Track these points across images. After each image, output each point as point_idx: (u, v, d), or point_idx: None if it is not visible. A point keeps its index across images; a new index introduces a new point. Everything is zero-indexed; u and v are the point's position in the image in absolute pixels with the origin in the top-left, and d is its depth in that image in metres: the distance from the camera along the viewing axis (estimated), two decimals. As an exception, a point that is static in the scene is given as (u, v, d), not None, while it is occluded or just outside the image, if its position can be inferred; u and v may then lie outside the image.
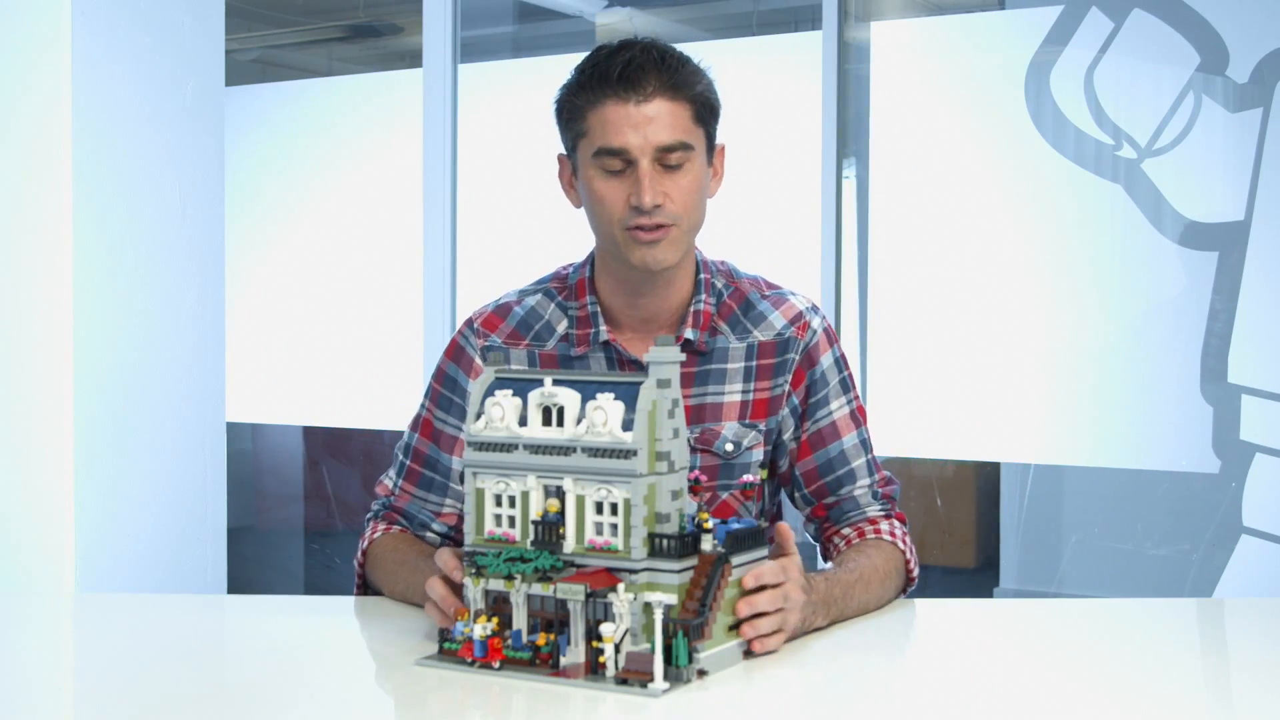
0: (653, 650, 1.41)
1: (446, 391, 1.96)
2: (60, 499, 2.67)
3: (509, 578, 1.48)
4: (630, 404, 1.47)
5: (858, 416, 1.97)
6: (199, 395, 2.95)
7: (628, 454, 1.45)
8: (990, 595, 4.11)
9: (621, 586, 1.44)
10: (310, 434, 5.36)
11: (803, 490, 1.96)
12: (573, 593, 1.44)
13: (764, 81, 3.86)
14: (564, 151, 1.89)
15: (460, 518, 1.95)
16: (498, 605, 1.50)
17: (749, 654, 1.54)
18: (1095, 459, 3.64)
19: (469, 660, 1.48)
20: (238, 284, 3.84)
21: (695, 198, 1.82)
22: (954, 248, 3.70)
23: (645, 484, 1.45)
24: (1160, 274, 3.51)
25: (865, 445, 1.97)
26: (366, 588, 1.96)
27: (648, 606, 1.44)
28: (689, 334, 1.89)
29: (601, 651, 1.43)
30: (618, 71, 1.76)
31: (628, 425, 1.46)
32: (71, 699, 1.54)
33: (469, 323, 1.97)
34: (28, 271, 2.71)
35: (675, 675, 1.42)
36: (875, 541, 1.90)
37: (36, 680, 1.60)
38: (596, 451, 1.47)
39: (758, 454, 1.92)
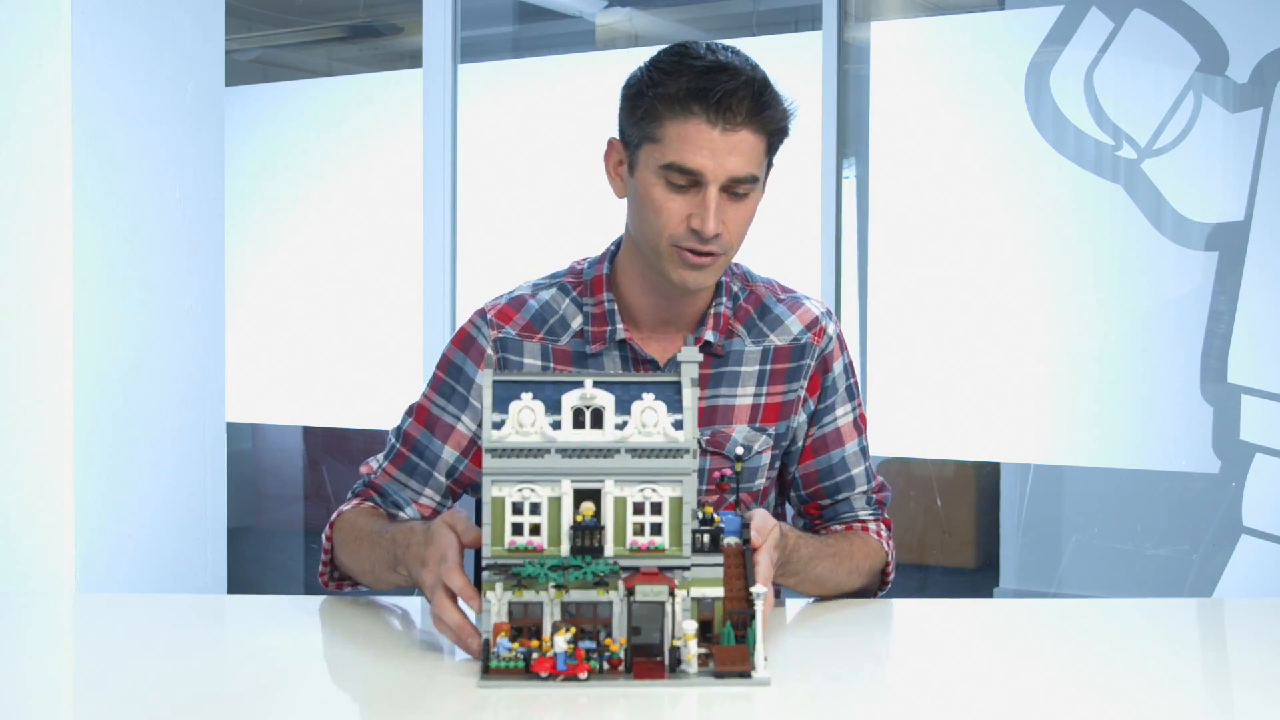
0: (750, 642, 1.46)
1: (450, 379, 1.93)
2: (60, 499, 2.67)
3: (559, 586, 1.46)
4: (667, 404, 1.49)
5: (859, 424, 1.99)
6: (199, 395, 2.95)
7: (679, 453, 1.46)
8: (990, 595, 4.11)
9: (676, 584, 1.47)
10: (310, 434, 5.36)
11: (800, 491, 1.99)
12: (655, 594, 1.45)
13: (764, 81, 3.85)
14: (618, 137, 1.85)
15: (436, 511, 1.93)
16: (525, 616, 1.47)
17: None
18: (1095, 459, 3.64)
19: (543, 675, 1.44)
20: (238, 284, 3.84)
21: (747, 227, 1.82)
22: (954, 248, 3.70)
23: (692, 482, 1.48)
24: (1160, 274, 3.51)
25: (864, 453, 2.00)
26: (334, 565, 1.91)
27: (694, 601, 1.47)
28: (709, 336, 1.89)
29: (675, 651, 1.45)
30: (716, 97, 1.71)
31: (675, 425, 1.48)
32: (71, 699, 1.54)
33: (481, 313, 1.93)
34: (28, 271, 2.71)
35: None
36: (861, 534, 1.94)
37: (36, 680, 1.60)
38: (643, 452, 1.47)
39: (766, 458, 1.93)
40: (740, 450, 1.90)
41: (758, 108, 1.74)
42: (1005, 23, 3.81)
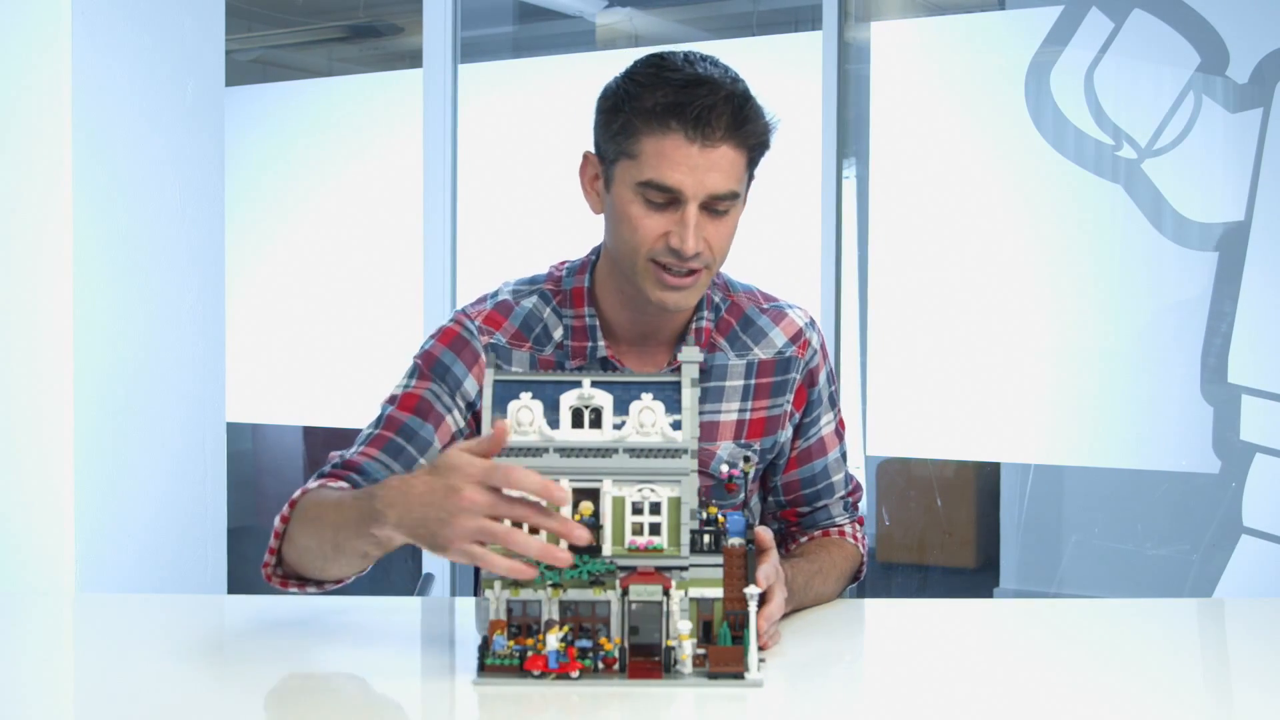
0: (745, 644, 1.45)
1: (438, 375, 1.83)
2: (60, 499, 2.67)
3: (555, 586, 1.46)
4: (665, 404, 1.49)
5: (840, 431, 1.99)
6: (199, 395, 2.95)
7: (678, 453, 1.47)
8: (990, 595, 4.11)
9: (674, 585, 1.46)
10: (310, 434, 5.36)
11: (779, 498, 1.98)
12: (649, 594, 1.45)
13: (764, 81, 3.85)
14: (593, 150, 1.80)
15: None
16: (525, 615, 1.47)
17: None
18: (1095, 459, 3.64)
19: (536, 673, 1.44)
20: (238, 284, 3.84)
21: (729, 242, 1.76)
22: (954, 248, 3.70)
23: (691, 482, 1.47)
24: (1160, 274, 3.51)
25: (844, 458, 2.00)
26: (281, 557, 1.70)
27: (694, 602, 1.47)
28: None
29: (670, 651, 1.45)
30: (694, 113, 1.65)
31: (673, 425, 1.48)
32: (71, 699, 1.54)
33: (469, 317, 1.87)
34: (28, 271, 2.71)
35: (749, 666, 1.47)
36: (839, 541, 1.95)
37: (36, 680, 1.60)
38: (641, 452, 1.47)
39: (751, 473, 1.91)
40: (724, 468, 1.86)
41: (738, 123, 1.69)
42: (1005, 23, 3.81)
